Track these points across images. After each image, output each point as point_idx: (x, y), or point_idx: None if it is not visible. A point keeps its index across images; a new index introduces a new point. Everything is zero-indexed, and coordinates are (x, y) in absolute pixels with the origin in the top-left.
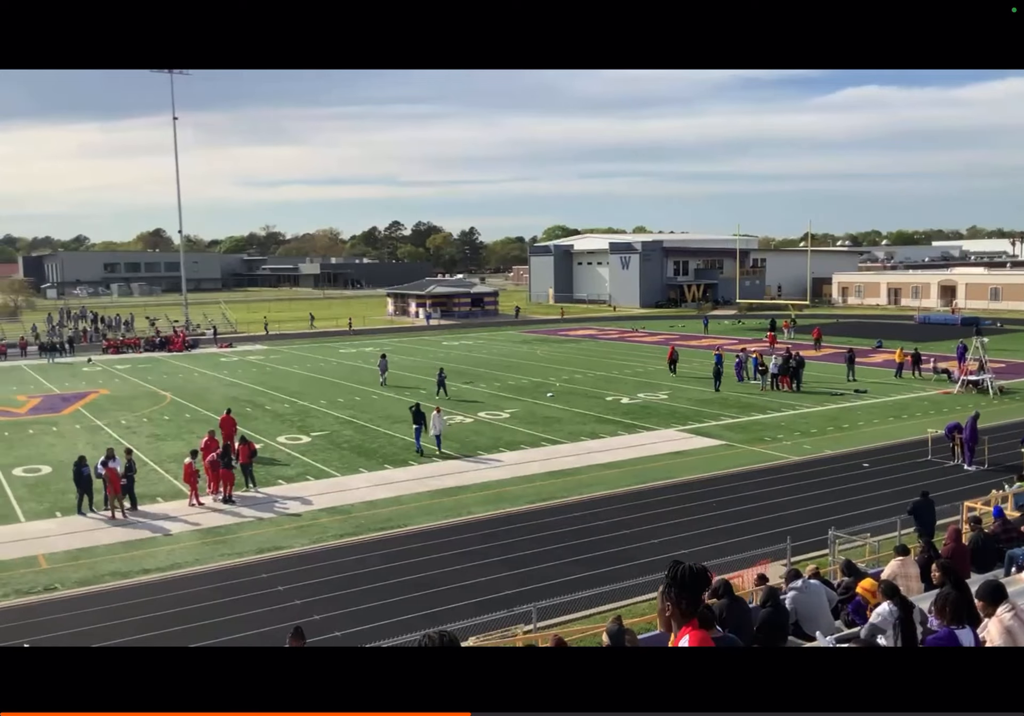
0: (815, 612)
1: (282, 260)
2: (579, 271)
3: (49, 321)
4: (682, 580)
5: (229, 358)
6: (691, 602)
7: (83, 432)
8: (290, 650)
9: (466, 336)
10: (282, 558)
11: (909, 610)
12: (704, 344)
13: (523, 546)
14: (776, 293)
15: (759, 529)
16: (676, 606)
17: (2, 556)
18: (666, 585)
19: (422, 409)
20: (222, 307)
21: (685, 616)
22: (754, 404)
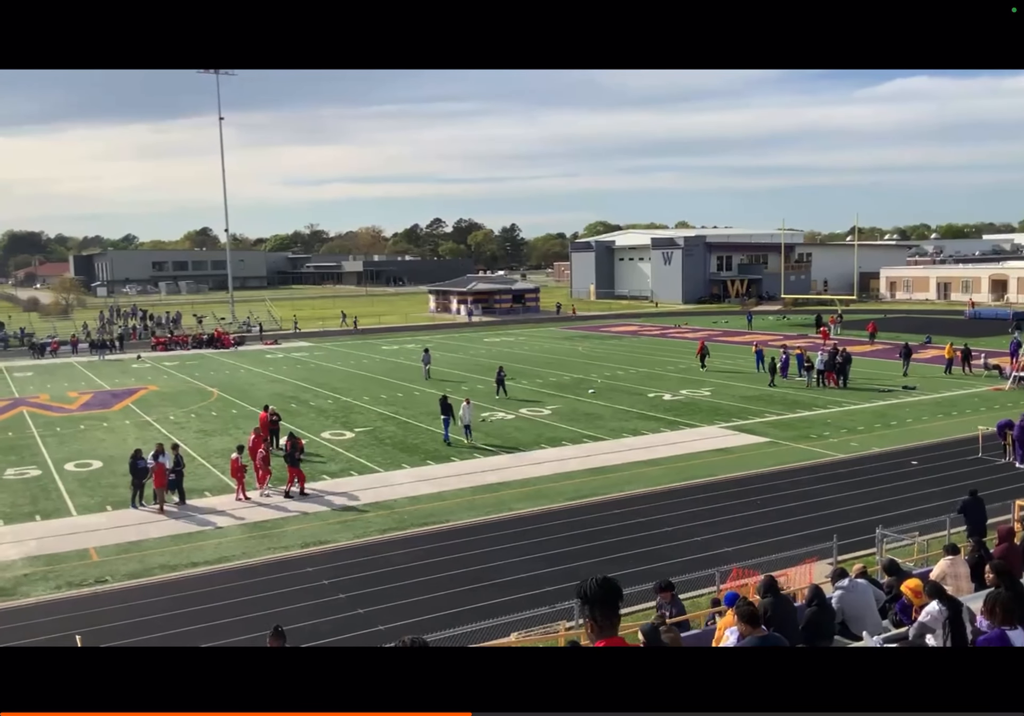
0: (862, 612)
1: (326, 258)
2: (621, 267)
3: (100, 319)
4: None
5: (274, 355)
6: (604, 614)
7: (133, 428)
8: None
9: (507, 332)
10: (327, 552)
11: (958, 609)
12: (747, 340)
13: (564, 543)
14: (822, 288)
15: (804, 527)
16: (591, 619)
17: (55, 549)
18: (579, 601)
19: (449, 400)
20: (267, 305)
21: (603, 629)
22: (800, 401)
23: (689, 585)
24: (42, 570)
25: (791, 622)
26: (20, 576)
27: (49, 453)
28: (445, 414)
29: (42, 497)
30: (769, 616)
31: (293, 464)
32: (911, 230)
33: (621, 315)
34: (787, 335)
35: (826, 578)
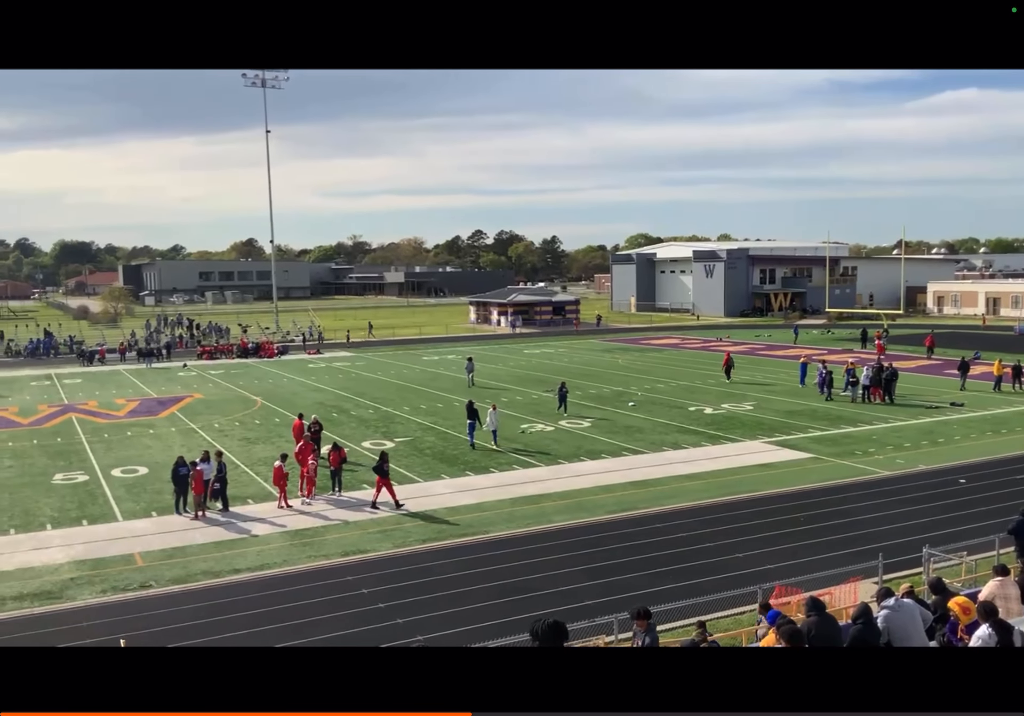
0: (908, 632)
1: (368, 269)
2: (662, 279)
3: (147, 327)
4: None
5: (317, 364)
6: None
7: (178, 435)
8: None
9: (547, 344)
10: (367, 561)
11: (1008, 633)
12: (791, 354)
13: (604, 556)
14: (867, 302)
15: (849, 545)
16: None
17: (101, 553)
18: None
19: (475, 406)
20: (311, 314)
21: None
22: (845, 416)
23: (730, 602)
24: (88, 574)
25: (836, 642)
26: (67, 579)
27: (97, 459)
28: (471, 419)
29: (89, 502)
30: (813, 635)
31: (383, 475)
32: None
33: (662, 328)
34: (831, 349)
35: (871, 598)
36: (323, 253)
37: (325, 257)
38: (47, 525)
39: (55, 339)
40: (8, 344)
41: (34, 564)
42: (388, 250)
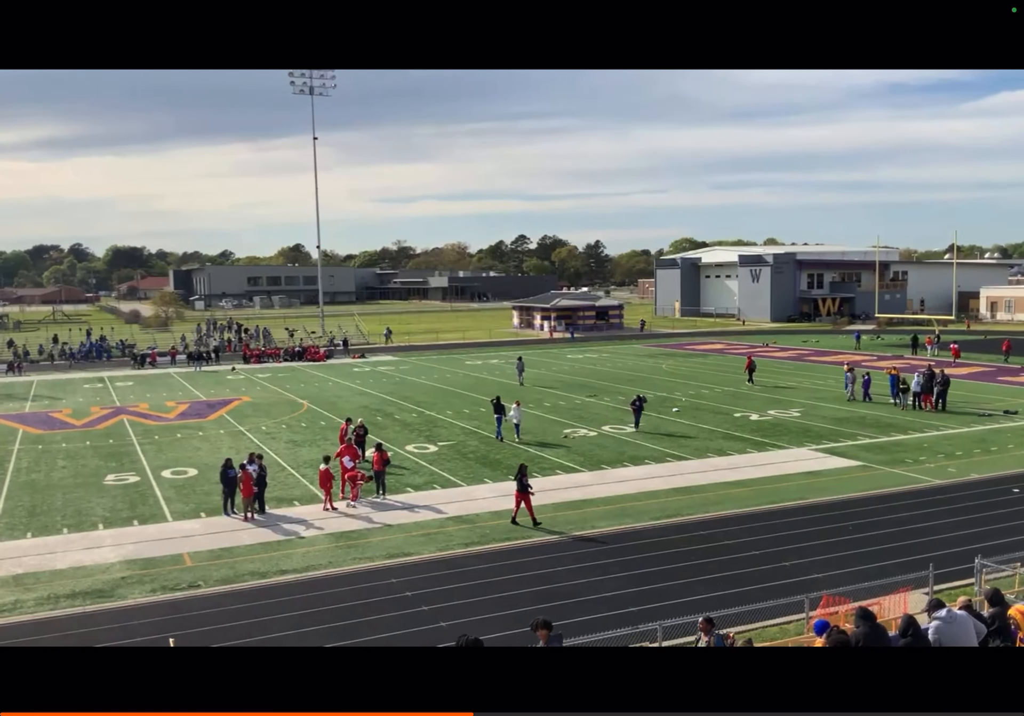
0: (960, 645)
1: (412, 274)
2: (707, 284)
3: (197, 331)
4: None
5: (361, 368)
6: None
7: (226, 437)
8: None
9: (590, 349)
10: (410, 564)
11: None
12: (840, 360)
13: (647, 563)
14: (918, 308)
15: (898, 555)
16: None
17: (151, 553)
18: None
19: (502, 402)
20: (355, 319)
21: None
22: (895, 424)
23: (777, 611)
24: (139, 573)
25: None
26: (118, 578)
27: (147, 460)
28: (497, 414)
29: (140, 502)
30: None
31: (522, 490)
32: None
33: (707, 333)
34: (882, 355)
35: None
36: (368, 258)
37: (370, 262)
38: (99, 525)
39: (107, 343)
40: (62, 347)
41: (86, 563)
42: (432, 255)
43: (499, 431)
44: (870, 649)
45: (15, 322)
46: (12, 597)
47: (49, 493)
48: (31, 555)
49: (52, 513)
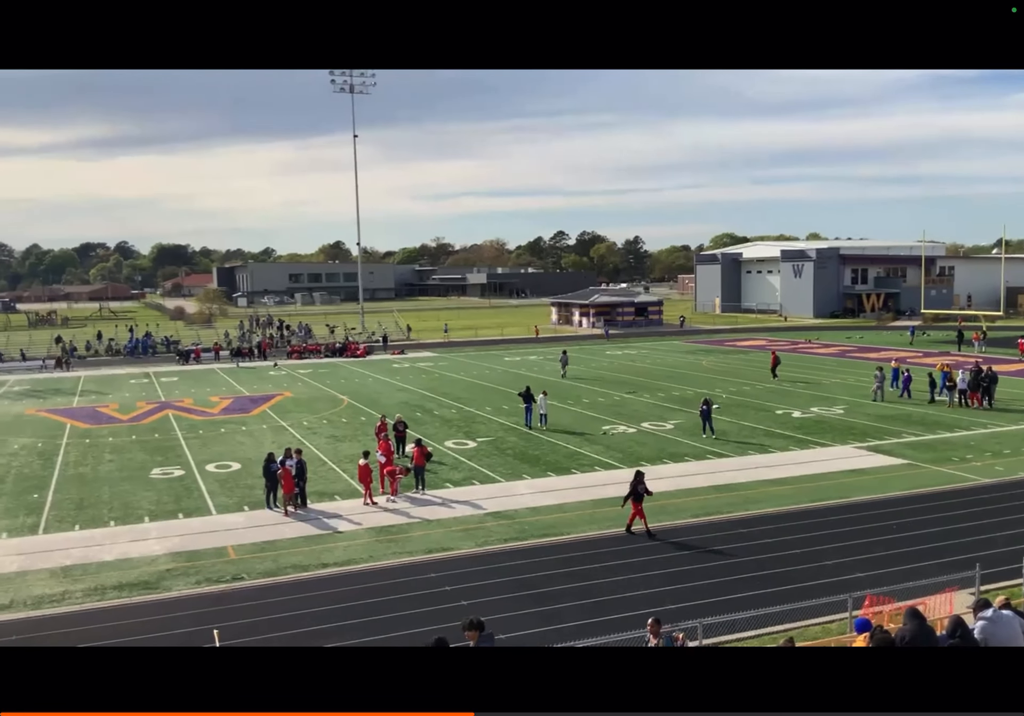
0: (1007, 644)
1: (451, 270)
2: (748, 280)
3: (240, 328)
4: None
5: (401, 364)
6: None
7: (269, 432)
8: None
9: (629, 346)
10: (449, 559)
11: None
12: (885, 357)
13: (686, 560)
14: (965, 303)
15: (944, 555)
16: None
17: (196, 546)
18: None
19: (531, 391)
20: (395, 315)
21: None
22: (941, 421)
23: (820, 610)
24: (183, 566)
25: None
26: (163, 571)
27: (192, 454)
28: (527, 403)
29: (185, 496)
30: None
31: (637, 500)
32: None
33: (748, 329)
34: (927, 351)
35: (968, 608)
36: (407, 255)
37: (409, 259)
38: (145, 518)
39: (153, 339)
40: (109, 343)
41: (132, 555)
42: (471, 252)
43: (528, 419)
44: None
45: (63, 318)
46: (61, 588)
47: (96, 486)
48: (79, 547)
49: (99, 506)
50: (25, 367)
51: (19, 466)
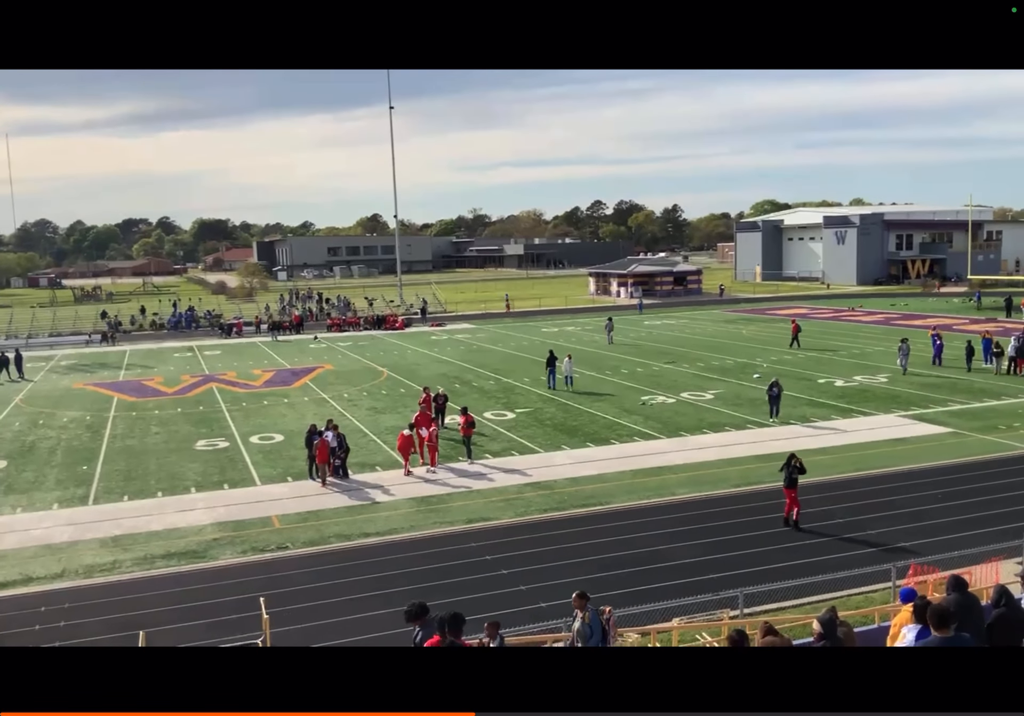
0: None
1: (488, 242)
2: (789, 247)
3: (280, 301)
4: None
5: (439, 336)
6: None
7: (311, 404)
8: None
9: (669, 315)
10: (490, 529)
11: None
12: (935, 324)
13: (727, 530)
14: (1013, 269)
15: (989, 524)
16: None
17: (242, 516)
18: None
19: (554, 354)
20: (432, 288)
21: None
22: (988, 389)
23: (863, 580)
24: (230, 535)
25: (976, 622)
26: (210, 540)
27: (236, 426)
28: (550, 365)
29: (230, 467)
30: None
31: (790, 486)
32: None
33: (789, 297)
34: (974, 319)
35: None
36: (444, 227)
37: (446, 231)
38: (191, 488)
39: (196, 313)
40: (153, 318)
41: (180, 525)
42: (507, 223)
43: (551, 380)
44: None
45: (107, 294)
46: (112, 557)
47: (144, 458)
48: (128, 517)
49: (147, 477)
50: (72, 342)
51: (68, 439)
